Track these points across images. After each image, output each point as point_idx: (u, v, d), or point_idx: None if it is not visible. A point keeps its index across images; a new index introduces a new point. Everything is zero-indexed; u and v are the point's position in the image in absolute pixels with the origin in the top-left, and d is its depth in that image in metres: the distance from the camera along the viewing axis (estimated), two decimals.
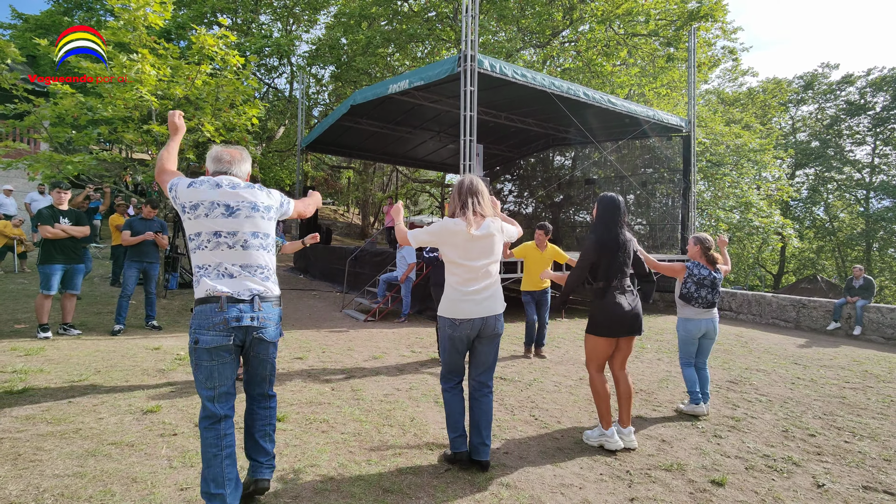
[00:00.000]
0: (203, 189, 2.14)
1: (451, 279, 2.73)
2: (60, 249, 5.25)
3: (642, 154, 13.41)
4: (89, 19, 20.01)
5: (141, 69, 6.89)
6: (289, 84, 22.40)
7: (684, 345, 3.94)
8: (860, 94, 26.39)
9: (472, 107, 7.56)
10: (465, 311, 2.66)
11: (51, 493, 2.27)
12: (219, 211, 2.13)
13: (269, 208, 2.29)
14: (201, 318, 2.08)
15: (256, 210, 2.22)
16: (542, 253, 5.62)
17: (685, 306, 3.88)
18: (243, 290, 2.13)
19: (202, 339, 2.06)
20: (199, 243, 2.14)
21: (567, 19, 16.93)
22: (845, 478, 2.89)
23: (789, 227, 17.65)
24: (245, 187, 2.23)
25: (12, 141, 7.47)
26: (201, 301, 2.10)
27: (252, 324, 2.12)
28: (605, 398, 3.17)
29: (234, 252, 2.15)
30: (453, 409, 2.79)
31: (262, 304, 2.16)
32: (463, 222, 2.64)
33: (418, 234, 2.74)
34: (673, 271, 3.90)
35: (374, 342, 6.08)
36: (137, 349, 5.04)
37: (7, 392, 3.55)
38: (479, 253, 2.68)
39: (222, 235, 2.13)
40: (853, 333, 8.34)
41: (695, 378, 3.89)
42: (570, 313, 9.28)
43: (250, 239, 2.18)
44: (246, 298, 2.12)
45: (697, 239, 3.96)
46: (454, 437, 2.77)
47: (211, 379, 2.09)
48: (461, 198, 2.71)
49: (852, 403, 4.39)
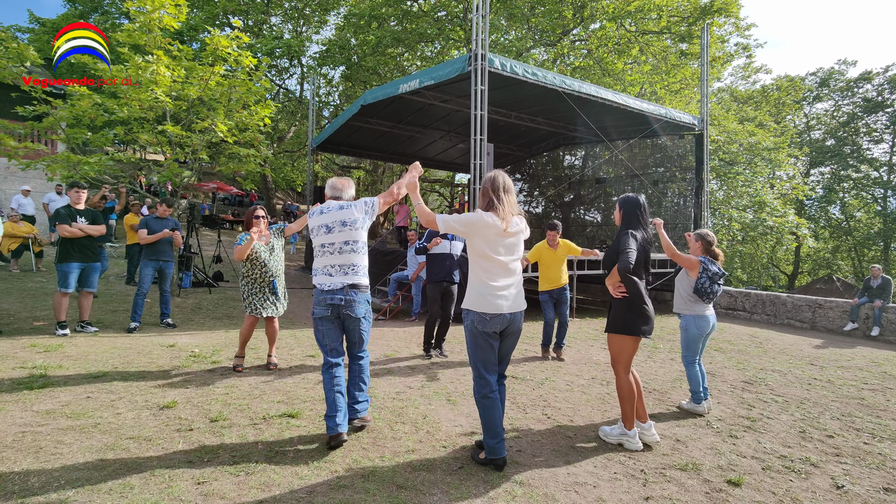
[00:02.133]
0: (314, 218, 3.15)
1: (482, 274, 2.71)
2: (78, 248, 5.33)
3: (654, 153, 13.27)
4: (105, 22, 20.33)
5: (156, 70, 6.98)
6: (299, 85, 22.56)
7: (693, 342, 3.88)
8: (878, 91, 25.91)
9: (483, 106, 7.55)
10: (495, 306, 2.65)
11: (72, 486, 2.31)
12: (322, 230, 3.08)
13: (356, 221, 3.05)
14: (314, 298, 3.07)
15: (345, 225, 3.04)
16: (555, 252, 5.53)
17: (697, 302, 3.83)
18: (337, 282, 2.99)
19: (315, 311, 3.05)
20: (315, 252, 3.13)
21: (577, 17, 16.84)
22: (865, 479, 2.84)
23: (804, 227, 17.37)
24: (338, 209, 3.07)
25: (31, 142, 7.60)
26: (315, 287, 3.07)
27: (341, 304, 2.96)
28: (632, 399, 3.10)
29: (332, 256, 3.04)
30: (493, 415, 2.70)
31: (349, 291, 2.99)
32: (498, 218, 2.68)
33: (449, 221, 2.73)
34: (690, 263, 3.85)
35: (385, 341, 6.10)
36: (153, 346, 5.11)
37: (28, 387, 3.62)
38: (508, 249, 2.74)
39: (325, 246, 3.07)
40: (871, 334, 8.19)
41: (697, 377, 3.87)
42: (580, 313, 9.23)
43: (343, 247, 3.04)
44: (338, 287, 2.97)
45: (699, 235, 3.95)
46: (494, 443, 2.69)
47: (323, 338, 3.03)
48: (496, 193, 2.73)
49: (871, 405, 4.31)
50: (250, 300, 4.37)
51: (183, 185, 8.54)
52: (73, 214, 5.35)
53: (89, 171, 7.28)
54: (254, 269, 4.35)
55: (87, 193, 5.59)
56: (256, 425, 3.15)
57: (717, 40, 17.49)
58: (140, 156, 15.87)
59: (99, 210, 7.55)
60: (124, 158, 7.96)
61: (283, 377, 4.28)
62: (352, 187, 3.23)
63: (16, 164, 7.41)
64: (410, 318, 7.76)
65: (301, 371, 4.49)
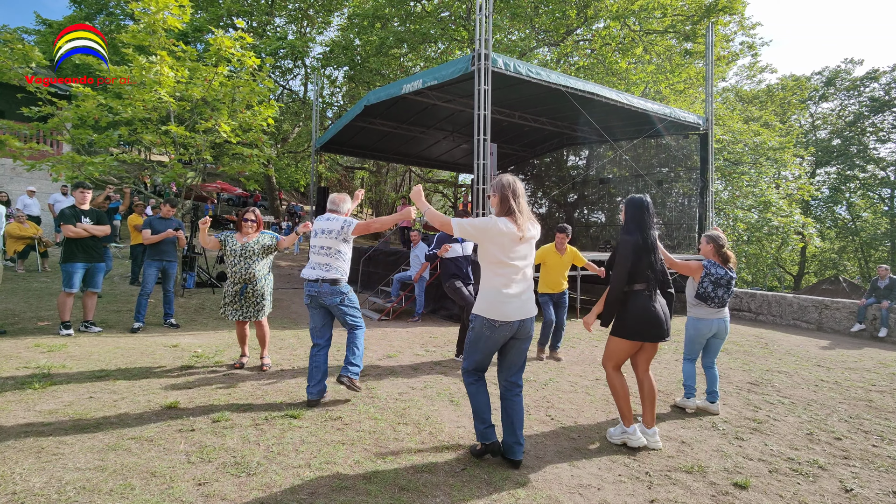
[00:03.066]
0: (316, 222, 3.84)
1: (494, 280, 2.69)
2: (82, 248, 5.34)
3: (658, 152, 13.21)
4: (110, 23, 20.44)
5: (160, 71, 7.00)
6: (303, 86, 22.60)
7: (691, 343, 3.91)
8: (885, 91, 25.67)
9: (486, 106, 7.52)
10: (505, 314, 2.65)
11: (73, 487, 2.31)
12: (317, 233, 3.76)
13: (331, 232, 3.68)
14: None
15: (326, 234, 3.71)
16: (561, 257, 5.49)
17: (699, 306, 3.81)
18: (314, 275, 3.64)
19: (305, 295, 3.71)
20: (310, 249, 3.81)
21: (581, 17, 16.78)
22: (874, 483, 2.80)
23: (810, 227, 17.23)
24: (327, 220, 3.76)
25: (36, 143, 7.63)
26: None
27: (316, 294, 3.62)
28: (623, 396, 3.13)
29: (316, 256, 3.71)
30: (480, 399, 2.78)
31: (322, 284, 3.61)
32: (513, 224, 2.68)
33: (465, 225, 2.71)
34: (689, 270, 3.81)
35: (388, 341, 6.08)
36: (156, 346, 5.11)
37: (31, 387, 3.63)
38: (521, 255, 2.73)
39: (314, 247, 3.74)
40: (878, 335, 8.11)
41: (692, 373, 3.93)
42: (583, 313, 9.18)
43: (321, 250, 3.70)
44: (313, 279, 3.63)
45: (710, 237, 3.87)
46: (483, 428, 2.76)
47: (311, 321, 3.73)
48: (516, 200, 2.73)
49: (879, 407, 4.26)
50: (222, 302, 4.42)
51: (187, 185, 8.56)
52: (77, 215, 5.36)
53: (94, 172, 7.30)
54: (230, 269, 4.38)
55: (91, 194, 5.61)
56: (258, 426, 3.14)
57: (721, 39, 17.40)
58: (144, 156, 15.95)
59: (103, 210, 7.57)
60: (128, 159, 7.97)
61: (286, 378, 4.27)
62: (347, 202, 3.87)
63: (21, 164, 7.44)
64: (413, 318, 7.74)
65: (304, 372, 4.48)
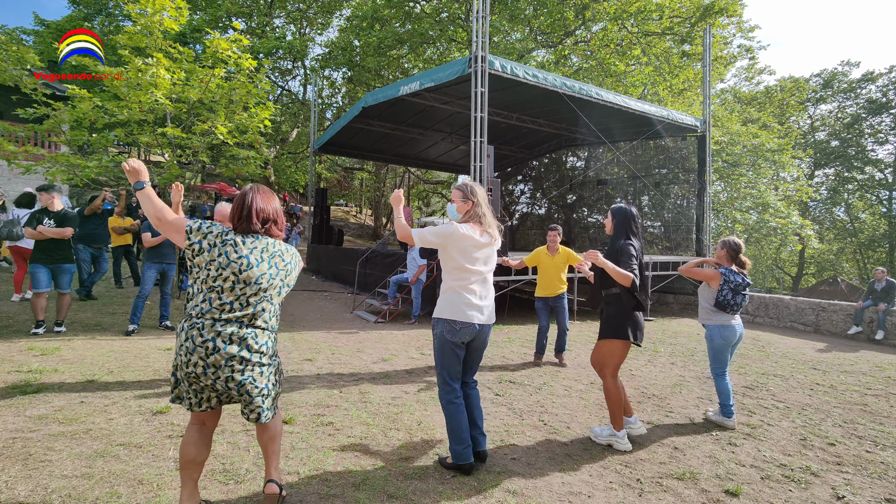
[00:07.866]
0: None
1: (455, 283, 2.71)
2: (42, 250, 5.39)
3: (656, 154, 13.21)
4: (109, 24, 20.44)
5: (156, 73, 6.98)
6: (302, 87, 22.62)
7: (720, 353, 3.67)
8: (882, 92, 25.71)
9: (483, 108, 7.51)
10: (467, 316, 2.66)
11: (58, 495, 2.29)
12: None
13: None
14: None
15: None
16: (553, 258, 5.44)
17: (718, 313, 3.65)
18: None
19: None
20: None
21: (579, 19, 16.79)
22: (867, 489, 2.78)
23: (808, 228, 17.24)
24: None
25: (32, 146, 7.63)
26: None
27: None
28: (619, 403, 3.14)
29: None
30: (459, 420, 2.71)
31: None
32: (473, 229, 2.70)
33: (425, 234, 2.73)
34: (708, 278, 3.68)
35: (383, 344, 6.07)
36: (150, 350, 5.10)
37: (22, 392, 3.61)
38: (483, 260, 2.76)
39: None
40: (875, 338, 8.10)
41: (729, 391, 3.67)
42: (580, 315, 9.17)
43: None
44: None
45: (725, 243, 3.74)
46: (461, 448, 2.69)
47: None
48: (476, 207, 2.77)
49: (874, 411, 4.25)
50: None
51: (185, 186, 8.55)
52: (39, 217, 5.40)
53: (89, 174, 7.29)
54: None
55: (58, 196, 5.62)
56: (248, 431, 3.13)
57: (719, 41, 17.40)
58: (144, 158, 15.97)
59: (98, 212, 7.55)
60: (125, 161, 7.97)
61: None
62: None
63: (16, 167, 7.43)
64: (410, 320, 7.72)
65: (297, 375, 4.47)
